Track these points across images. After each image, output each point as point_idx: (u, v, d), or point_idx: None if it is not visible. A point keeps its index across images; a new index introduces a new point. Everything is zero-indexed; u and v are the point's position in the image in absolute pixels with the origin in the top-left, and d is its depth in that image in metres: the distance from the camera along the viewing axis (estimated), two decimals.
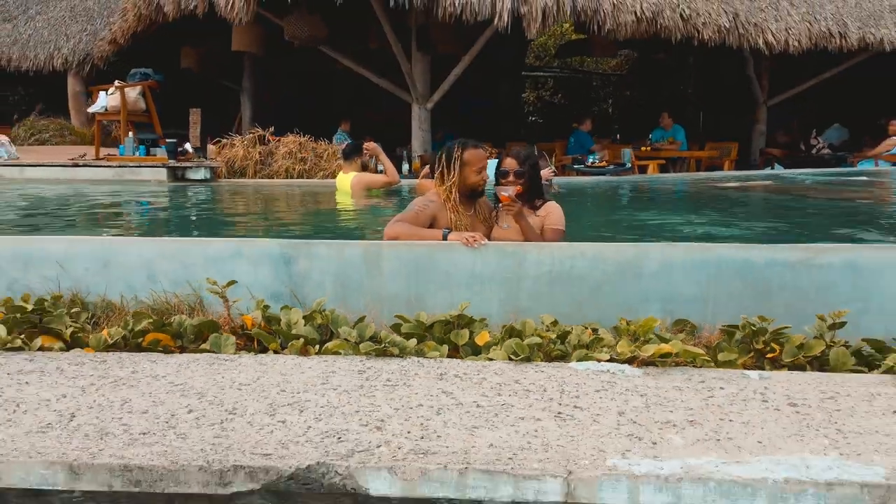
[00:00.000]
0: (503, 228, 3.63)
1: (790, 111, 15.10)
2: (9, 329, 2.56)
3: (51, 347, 2.53)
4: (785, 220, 5.46)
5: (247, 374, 2.28)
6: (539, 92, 24.18)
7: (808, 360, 2.53)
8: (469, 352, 2.60)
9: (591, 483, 1.64)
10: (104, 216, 5.90)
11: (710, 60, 14.51)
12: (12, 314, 2.65)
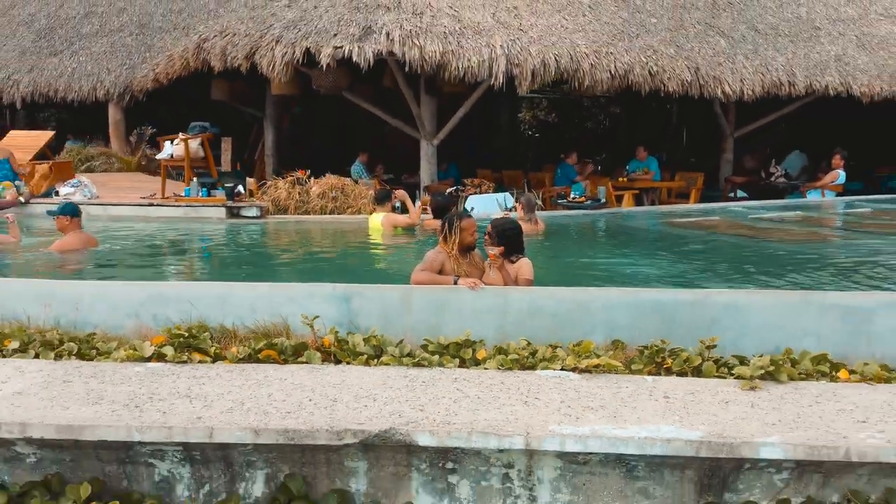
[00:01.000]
0: (490, 275, 4.93)
1: (762, 139, 16.37)
2: (175, 349, 3.84)
3: (204, 361, 3.80)
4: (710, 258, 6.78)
5: (335, 378, 3.54)
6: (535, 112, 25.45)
7: (690, 369, 3.79)
8: (472, 363, 3.86)
9: (539, 438, 2.91)
10: (195, 251, 7.19)
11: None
12: (175, 339, 3.92)
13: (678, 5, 12.06)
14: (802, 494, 3.05)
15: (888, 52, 13.34)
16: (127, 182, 12.08)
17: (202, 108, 17.24)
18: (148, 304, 4.47)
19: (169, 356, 3.80)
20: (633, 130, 19.48)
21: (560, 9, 11.02)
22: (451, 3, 10.14)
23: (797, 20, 13.03)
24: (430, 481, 3.11)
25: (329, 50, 9.15)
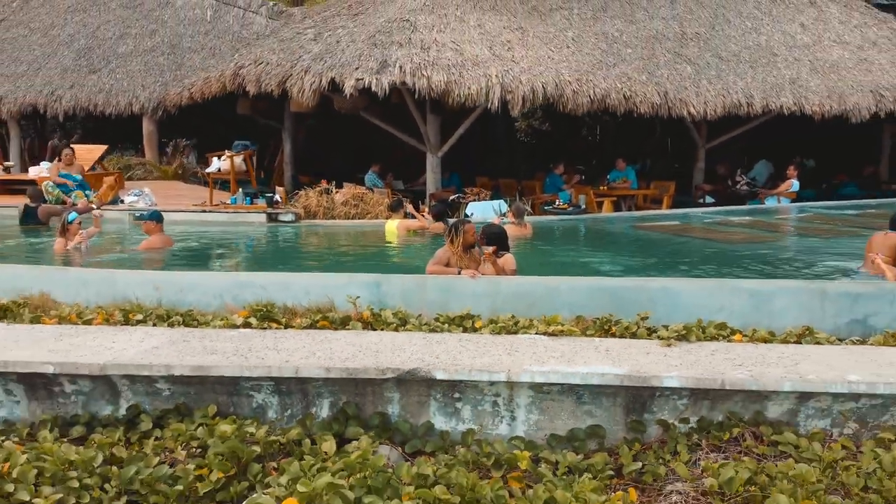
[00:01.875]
0: (484, 267, 6.22)
1: (739, 149, 17.62)
2: (258, 319, 5.11)
3: (278, 328, 5.07)
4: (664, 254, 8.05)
5: (374, 339, 4.81)
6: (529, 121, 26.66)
7: (629, 334, 5.06)
8: (471, 330, 5.12)
9: (516, 374, 4.18)
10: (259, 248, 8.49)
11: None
12: (256, 312, 5.19)
13: (651, 37, 13.32)
14: (697, 415, 4.32)
15: (838, 75, 14.59)
16: (170, 190, 13.27)
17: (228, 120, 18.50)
18: (230, 289, 5.75)
19: (254, 324, 5.08)
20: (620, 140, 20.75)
21: (547, 42, 12.28)
22: (453, 39, 11.41)
23: (757, 47, 14.28)
24: (443, 406, 4.39)
25: (352, 81, 10.43)
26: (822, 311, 5.55)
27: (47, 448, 3.80)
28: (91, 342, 4.70)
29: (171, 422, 4.31)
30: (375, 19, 12.04)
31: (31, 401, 4.51)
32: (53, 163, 11.23)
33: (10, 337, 4.82)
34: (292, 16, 21.18)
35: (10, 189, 12.07)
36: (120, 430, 4.22)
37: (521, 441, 4.22)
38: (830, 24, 15.70)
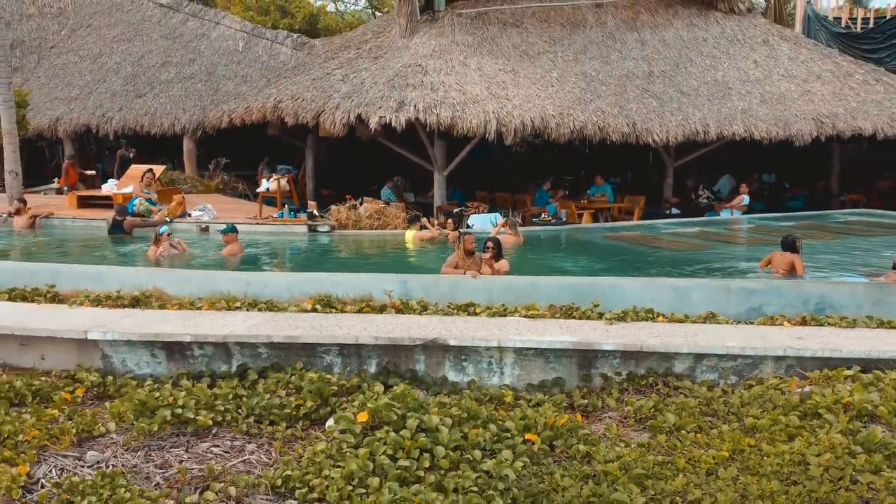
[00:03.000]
0: (484, 269, 7.96)
1: (713, 166, 19.28)
2: (321, 306, 6.83)
3: (335, 313, 6.79)
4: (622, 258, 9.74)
5: (405, 320, 6.51)
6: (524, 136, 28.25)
7: (585, 317, 6.77)
8: (473, 314, 6.84)
9: (504, 342, 5.90)
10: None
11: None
12: (319, 301, 6.92)
13: (623, 75, 15.02)
14: (627, 370, 6.03)
15: (784, 105, 16.27)
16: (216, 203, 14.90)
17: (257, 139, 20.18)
18: (296, 285, 7.47)
19: (319, 309, 6.81)
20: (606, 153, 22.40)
21: (535, 81, 13.99)
22: (457, 81, 13.13)
23: (714, 82, 15.96)
24: (454, 365, 6.10)
25: (376, 118, 12.15)
26: (727, 302, 7.27)
27: (197, 388, 5.54)
28: (209, 321, 6.44)
29: (271, 374, 6.03)
30: (393, 63, 13.76)
31: (170, 361, 6.23)
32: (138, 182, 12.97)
33: (150, 318, 6.56)
34: (314, 47, 22.88)
35: (88, 203, 13.78)
36: (235, 380, 5.94)
37: (507, 387, 5.94)
38: (780, 60, 17.37)
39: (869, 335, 6.27)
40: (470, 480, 4.22)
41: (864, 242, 11.28)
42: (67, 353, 6.29)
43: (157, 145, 23.14)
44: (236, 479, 4.44)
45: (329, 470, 4.39)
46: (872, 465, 4.20)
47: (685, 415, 5.18)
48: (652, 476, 4.24)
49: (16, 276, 7.88)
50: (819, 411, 4.95)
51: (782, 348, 5.88)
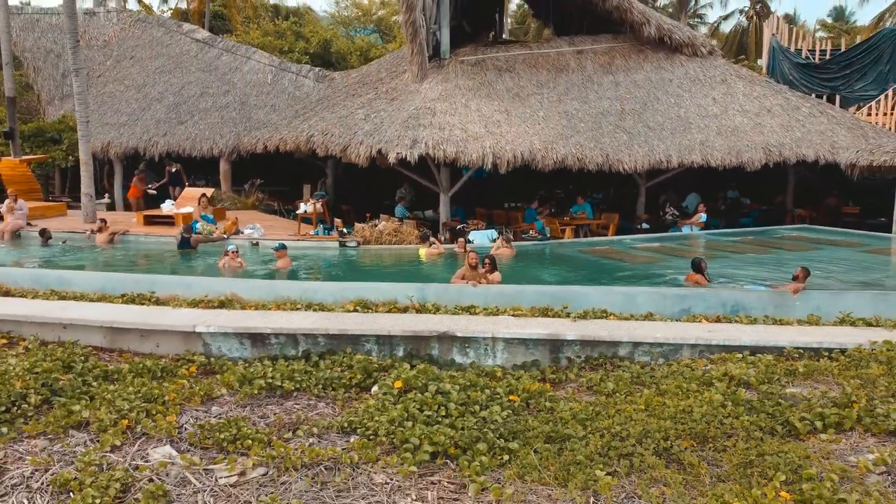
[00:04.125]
0: (482, 280, 9.85)
1: (685, 183, 21.07)
2: (360, 307, 8.71)
3: (371, 312, 8.66)
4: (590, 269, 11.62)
5: (424, 317, 8.38)
6: None
7: (556, 316, 8.65)
8: (474, 314, 8.72)
9: (496, 333, 7.79)
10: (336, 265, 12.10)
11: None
12: (358, 304, 8.80)
13: (598, 113, 16.89)
14: (585, 354, 7.91)
15: (737, 137, 18.12)
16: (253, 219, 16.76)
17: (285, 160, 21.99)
18: (339, 291, 9.36)
19: (359, 310, 8.70)
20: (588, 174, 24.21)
21: (524, 120, 15.86)
22: (460, 121, 15.01)
23: (677, 118, 17.81)
24: (460, 350, 7.99)
25: (394, 154, 14.03)
26: (664, 305, 9.15)
27: (279, 365, 7.43)
28: (280, 318, 8.33)
29: (328, 357, 7.91)
30: (407, 105, 15.64)
31: (253, 347, 8.12)
32: (197, 205, 14.86)
33: (236, 316, 8.44)
34: (333, 80, 24.81)
35: (153, 221, 15.63)
36: (302, 361, 7.82)
37: (498, 366, 7.81)
38: (736, 96, 19.23)
39: (761, 330, 8.17)
40: (471, 422, 6.10)
41: (791, 255, 13.14)
42: (176, 342, 8.18)
43: (196, 166, 25.02)
44: (316, 422, 6.34)
45: (378, 416, 6.27)
46: (735, 413, 6.09)
47: (620, 383, 7.06)
48: (591, 419, 6.13)
49: (122, 285, 9.77)
50: (712, 381, 6.84)
51: (695, 339, 7.77)
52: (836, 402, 6.34)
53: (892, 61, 29.87)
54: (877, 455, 5.56)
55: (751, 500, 4.84)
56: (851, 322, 8.45)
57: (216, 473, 5.58)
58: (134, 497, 5.25)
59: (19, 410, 6.56)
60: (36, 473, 5.66)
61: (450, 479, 5.45)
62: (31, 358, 7.49)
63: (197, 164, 24.17)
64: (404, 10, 15.13)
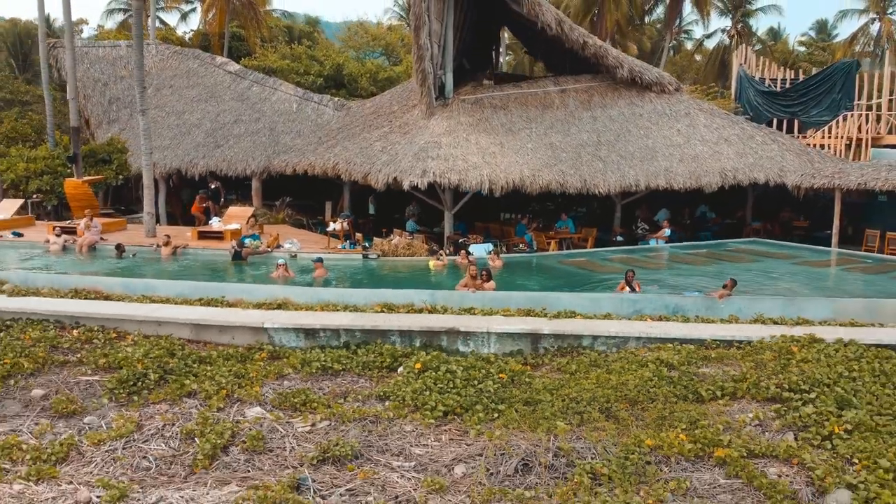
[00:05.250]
0: (480, 288, 11.85)
1: (665, 201, 22.79)
2: (388, 309, 10.70)
3: (394, 313, 10.64)
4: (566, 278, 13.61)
5: (434, 316, 10.36)
6: None
7: (536, 315, 10.63)
8: (473, 314, 10.71)
9: (490, 329, 9.77)
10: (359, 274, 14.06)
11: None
12: (384, 307, 10.79)
13: (578, 145, 18.85)
14: (558, 344, 9.88)
15: (697, 163, 19.97)
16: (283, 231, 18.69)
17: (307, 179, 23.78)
18: (368, 296, 11.31)
19: (385, 310, 10.69)
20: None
21: (515, 151, 17.83)
22: (462, 153, 16.99)
23: (646, 148, 19.73)
24: (463, 342, 9.94)
25: (407, 181, 16.00)
26: (621, 307, 11.09)
27: (328, 352, 9.42)
28: (325, 317, 10.31)
29: (363, 346, 9.90)
30: (418, 139, 17.61)
31: (306, 340, 10.10)
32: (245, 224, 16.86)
33: (292, 315, 10.42)
34: (350, 109, 26.75)
35: (205, 236, 17.57)
36: (343, 349, 9.81)
37: (492, 354, 9.77)
38: (697, 128, 21.14)
39: (691, 326, 10.15)
40: (472, 392, 8.10)
41: (732, 266, 15.09)
42: (248, 335, 10.15)
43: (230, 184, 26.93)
44: (360, 392, 8.34)
45: (404, 388, 8.27)
46: (659, 385, 8.09)
47: (581, 365, 9.05)
48: (556, 389, 8.13)
49: (198, 290, 11.75)
50: (646, 363, 8.82)
51: (639, 332, 9.76)
52: (734, 378, 8.33)
53: (843, 90, 31.97)
54: (754, 414, 7.56)
55: (658, 439, 6.85)
56: (762, 321, 10.42)
57: (295, 425, 7.59)
58: (241, 440, 7.25)
59: (143, 384, 8.56)
60: (166, 427, 7.66)
61: (457, 428, 7.45)
62: (143, 347, 9.49)
63: (232, 182, 26.06)
64: (416, 60, 17.10)
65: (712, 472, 6.46)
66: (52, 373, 9.06)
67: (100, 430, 7.62)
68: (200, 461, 6.77)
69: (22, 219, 20.82)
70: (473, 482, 6.28)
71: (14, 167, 24.86)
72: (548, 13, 18.80)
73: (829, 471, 6.26)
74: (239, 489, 6.23)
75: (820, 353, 8.90)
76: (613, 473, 6.32)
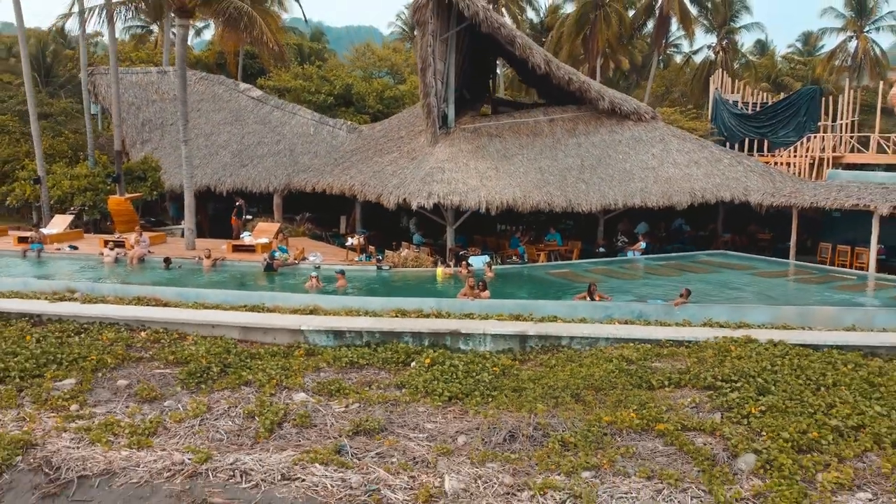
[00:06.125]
0: (478, 297, 13.48)
1: (646, 216, 24.32)
2: (402, 315, 12.32)
3: (407, 318, 12.26)
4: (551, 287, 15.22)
5: (441, 320, 11.97)
6: None
7: (524, 320, 12.26)
8: (471, 318, 12.34)
9: (486, 330, 11.38)
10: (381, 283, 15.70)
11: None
12: (398, 312, 12.41)
13: (564, 168, 20.47)
14: (542, 343, 11.49)
15: (669, 184, 21.55)
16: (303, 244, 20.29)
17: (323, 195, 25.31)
18: (385, 304, 12.90)
19: (399, 315, 12.30)
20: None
21: (509, 175, 19.46)
22: (462, 176, 18.62)
23: (624, 171, 21.32)
24: (464, 342, 11.54)
25: (415, 203, 17.63)
26: (594, 312, 12.70)
27: (353, 349, 11.06)
28: (350, 321, 11.91)
29: (382, 345, 11.53)
30: (424, 165, 19.24)
31: (335, 339, 11.72)
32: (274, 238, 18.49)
33: (324, 319, 12.03)
34: (362, 132, 28.37)
35: (239, 249, 19.18)
36: (365, 347, 11.44)
37: (487, 351, 11.39)
38: (670, 152, 22.74)
39: (650, 329, 11.76)
40: (471, 381, 9.72)
41: (695, 276, 16.71)
42: (287, 336, 11.78)
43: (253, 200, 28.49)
44: (381, 381, 9.98)
45: (416, 378, 9.89)
46: (619, 376, 9.71)
47: (559, 361, 10.68)
48: (538, 379, 9.76)
49: (241, 298, 13.37)
50: (611, 358, 10.44)
51: (608, 334, 11.39)
52: (679, 371, 9.96)
53: (808, 114, 33.70)
54: (692, 398, 9.18)
55: (614, 416, 8.47)
56: (710, 325, 12.04)
57: (332, 406, 9.22)
58: (291, 418, 8.88)
59: (207, 376, 10.19)
60: (230, 408, 9.29)
61: (459, 409, 9.09)
62: (203, 345, 11.12)
63: (255, 197, 27.65)
64: (423, 96, 18.75)
65: (654, 442, 8.08)
66: (130, 367, 10.70)
67: (178, 411, 9.24)
68: (262, 433, 8.40)
69: (73, 232, 22.41)
70: (472, 448, 7.92)
71: (59, 184, 26.44)
72: (537, 55, 20.43)
73: (741, 440, 7.89)
74: (294, 453, 7.86)
75: (752, 351, 10.52)
76: (579, 442, 7.94)
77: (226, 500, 7.09)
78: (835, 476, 7.27)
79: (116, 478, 7.57)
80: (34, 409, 9.30)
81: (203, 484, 7.34)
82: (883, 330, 11.98)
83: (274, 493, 7.10)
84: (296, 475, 7.35)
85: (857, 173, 24.63)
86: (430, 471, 7.41)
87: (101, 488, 7.46)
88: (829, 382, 9.39)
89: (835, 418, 8.36)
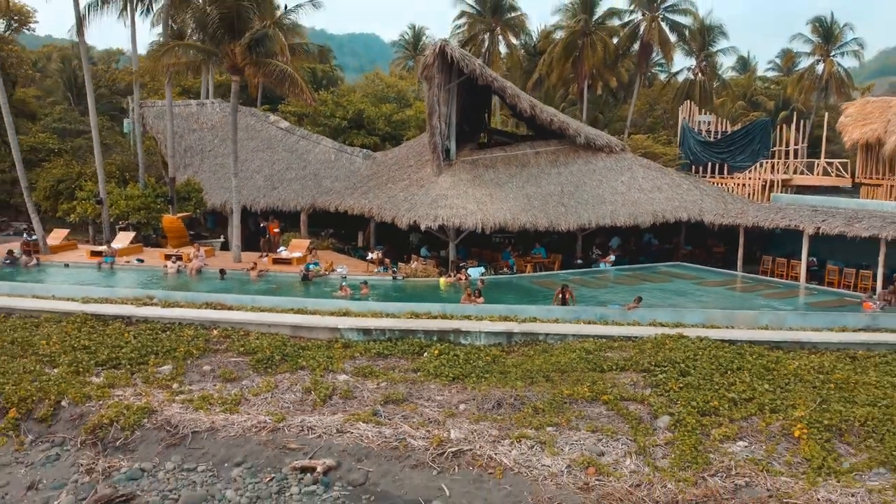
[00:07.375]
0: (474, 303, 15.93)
1: (621, 233, 26.54)
2: (414, 316, 14.75)
3: (420, 319, 14.68)
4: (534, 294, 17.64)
5: (446, 321, 14.42)
6: None
7: (511, 321, 14.70)
8: (469, 319, 14.77)
9: (481, 328, 13.84)
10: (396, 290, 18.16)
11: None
12: (412, 314, 14.85)
13: (547, 194, 22.89)
14: (525, 339, 13.94)
15: (635, 206, 23.83)
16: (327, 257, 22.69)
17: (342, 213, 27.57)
18: (402, 308, 15.35)
19: (413, 317, 14.74)
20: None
21: (500, 200, 21.89)
22: (462, 203, 21.06)
23: (596, 196, 23.68)
24: (464, 338, 13.96)
25: (424, 224, 20.07)
26: (567, 315, 15.14)
27: (378, 343, 13.51)
28: (375, 321, 14.33)
29: (401, 340, 13.94)
30: (431, 192, 21.67)
31: (364, 336, 14.13)
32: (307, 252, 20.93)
33: (356, 320, 14.45)
34: (376, 159, 30.76)
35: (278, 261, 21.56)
36: (388, 342, 13.86)
37: (482, 345, 13.82)
38: (636, 179, 25.12)
39: (608, 328, 14.19)
40: (469, 367, 12.16)
41: (652, 285, 19.12)
42: (327, 333, 14.18)
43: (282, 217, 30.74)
44: (402, 367, 12.47)
45: (428, 365, 12.32)
46: (579, 362, 12.14)
47: (536, 352, 13.12)
48: (519, 366, 12.19)
49: (288, 303, 15.80)
50: (575, 350, 12.88)
51: (574, 331, 13.82)
52: (625, 359, 12.39)
53: (762, 142, 36.25)
54: (631, 378, 11.62)
55: (573, 391, 10.93)
56: (654, 325, 14.46)
57: (367, 384, 11.67)
58: (338, 392, 11.33)
59: (271, 362, 12.62)
60: (291, 386, 11.74)
61: (460, 386, 11.53)
62: (265, 340, 13.56)
63: (284, 215, 29.94)
64: (429, 135, 21.20)
65: (600, 408, 10.53)
66: (210, 356, 13.12)
67: (253, 387, 11.68)
68: (318, 402, 10.85)
69: (135, 247, 24.78)
70: (470, 412, 10.37)
71: (117, 203, 28.69)
72: (524, 101, 22.92)
73: (661, 406, 10.33)
74: (343, 416, 10.31)
75: (682, 344, 12.94)
76: (546, 408, 10.39)
77: (299, 445, 9.54)
78: (724, 430, 9.71)
79: (219, 433, 10.00)
80: (145, 387, 11.73)
81: (281, 435, 9.79)
82: (790, 329, 14.39)
83: (333, 441, 9.55)
84: (346, 430, 9.80)
85: (795, 197, 26.98)
86: (440, 427, 9.86)
87: (208, 440, 9.89)
88: (735, 367, 11.81)
89: (733, 392, 10.79)
